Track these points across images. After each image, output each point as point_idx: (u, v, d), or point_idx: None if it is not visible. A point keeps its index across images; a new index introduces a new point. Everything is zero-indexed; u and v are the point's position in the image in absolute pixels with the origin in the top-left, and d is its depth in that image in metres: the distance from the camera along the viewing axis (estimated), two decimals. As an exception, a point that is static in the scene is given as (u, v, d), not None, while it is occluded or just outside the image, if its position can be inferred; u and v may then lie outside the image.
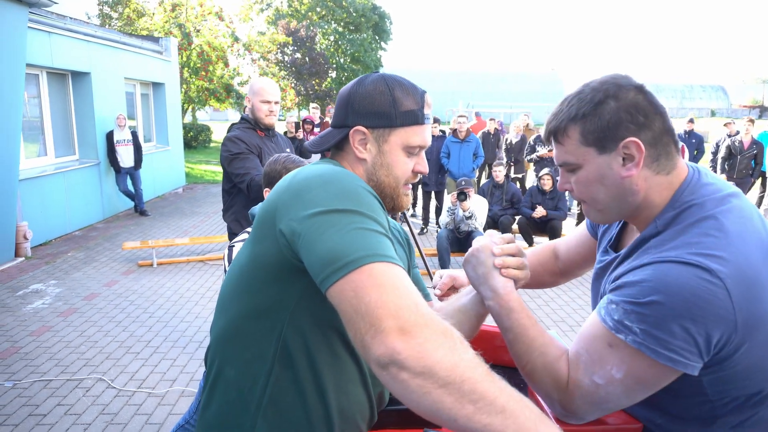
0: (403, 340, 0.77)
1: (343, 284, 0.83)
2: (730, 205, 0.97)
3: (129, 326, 4.41)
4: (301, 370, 1.01)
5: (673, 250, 0.94)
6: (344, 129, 1.10)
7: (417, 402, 0.77)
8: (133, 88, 10.40)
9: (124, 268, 6.03)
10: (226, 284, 1.09)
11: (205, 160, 16.62)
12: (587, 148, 1.02)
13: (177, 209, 9.57)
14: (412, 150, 1.10)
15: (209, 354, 1.10)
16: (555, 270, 1.52)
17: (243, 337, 1.02)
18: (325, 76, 24.24)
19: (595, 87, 1.02)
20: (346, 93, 1.11)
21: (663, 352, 0.90)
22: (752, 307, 0.88)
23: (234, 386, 1.03)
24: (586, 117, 1.01)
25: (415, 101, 1.09)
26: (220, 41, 17.61)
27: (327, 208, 0.89)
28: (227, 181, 3.09)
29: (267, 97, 2.98)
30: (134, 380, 3.54)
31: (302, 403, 1.02)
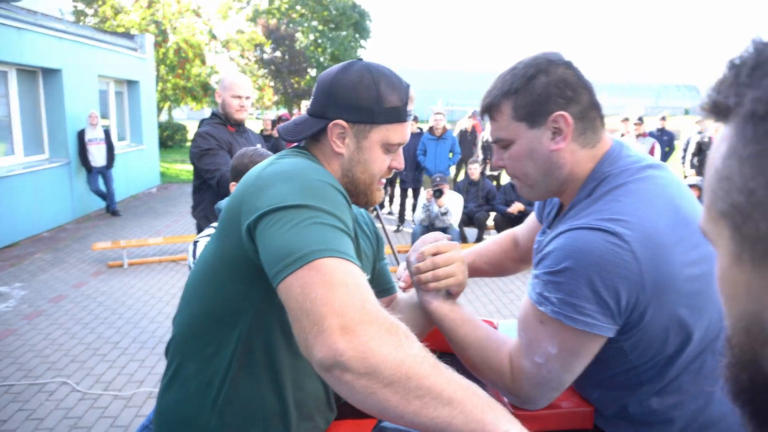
0: (346, 340, 0.75)
1: (291, 280, 0.81)
2: (644, 175, 1.01)
3: (96, 328, 4.32)
4: (259, 367, 1.00)
5: (584, 218, 0.97)
6: (322, 120, 1.05)
7: (362, 402, 0.77)
8: (106, 85, 10.21)
9: (93, 269, 5.91)
10: (191, 279, 1.07)
11: (181, 160, 16.39)
12: (519, 123, 1.04)
13: (150, 209, 9.42)
14: (391, 147, 1.07)
15: (170, 347, 1.09)
16: (516, 257, 1.55)
17: (204, 334, 1.01)
18: (305, 74, 24.11)
19: (528, 63, 1.04)
20: (328, 81, 1.05)
21: (579, 318, 0.93)
22: (659, 267, 0.91)
23: (193, 381, 1.02)
24: (518, 92, 1.03)
25: (400, 97, 1.05)
26: (198, 39, 17.39)
27: (287, 203, 0.87)
28: (197, 177, 3.05)
29: (238, 92, 2.94)
30: (100, 383, 3.46)
31: (259, 400, 1.01)
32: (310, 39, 25.54)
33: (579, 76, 1.03)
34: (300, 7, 25.15)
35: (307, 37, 25.43)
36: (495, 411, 0.76)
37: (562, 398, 1.17)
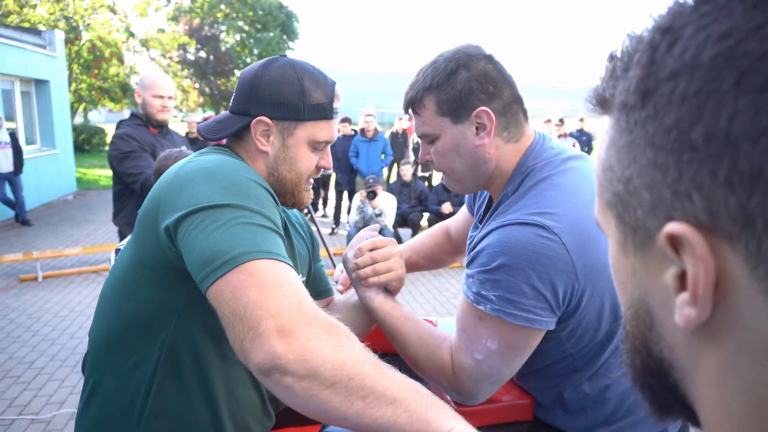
0: (284, 343, 0.72)
1: (221, 284, 0.77)
2: (567, 167, 1.04)
3: (7, 348, 3.97)
4: (187, 377, 0.95)
5: (513, 213, 0.99)
6: (245, 117, 1.00)
7: (303, 405, 0.74)
8: (11, 85, 9.44)
9: (1, 283, 5.44)
10: (106, 288, 1.00)
11: (100, 165, 15.46)
12: (442, 118, 1.04)
13: (66, 217, 8.81)
14: (317, 145, 1.04)
15: (87, 361, 1.01)
16: (450, 249, 1.57)
17: (124, 344, 0.94)
18: (231, 75, 23.46)
19: (448, 57, 1.04)
20: (250, 76, 1.01)
21: (519, 314, 0.94)
22: (588, 256, 0.94)
23: (114, 397, 0.95)
24: (440, 87, 1.03)
25: (325, 94, 1.02)
26: (114, 37, 16.48)
27: (210, 203, 0.82)
28: (117, 182, 2.87)
29: (159, 91, 2.79)
30: (14, 407, 3.19)
31: (189, 411, 0.96)
32: (236, 40, 24.90)
33: (500, 70, 1.04)
34: (224, 6, 24.45)
35: (232, 37, 24.76)
36: (439, 408, 0.76)
37: (503, 392, 1.20)
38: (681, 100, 0.30)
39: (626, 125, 0.35)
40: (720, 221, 0.29)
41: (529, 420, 1.17)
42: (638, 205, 0.34)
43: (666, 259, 0.33)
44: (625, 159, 0.35)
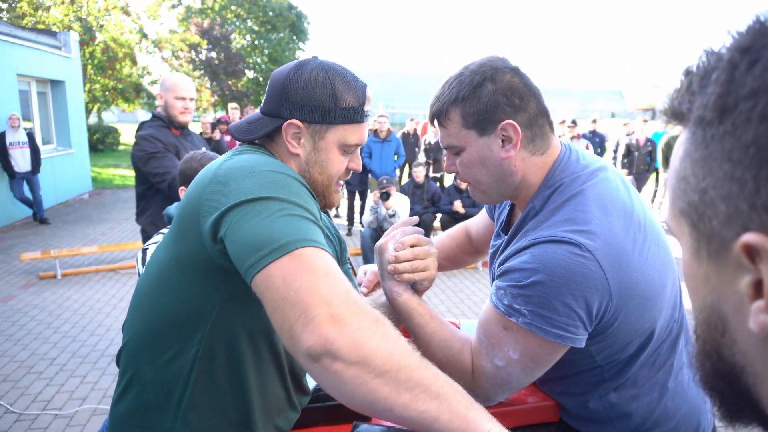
0: (336, 329, 0.72)
1: (270, 270, 0.78)
2: (596, 179, 1.04)
3: (29, 344, 4.05)
4: (222, 372, 0.97)
5: (547, 230, 0.98)
6: (277, 120, 1.01)
7: (351, 394, 0.73)
8: (27, 86, 9.56)
9: (22, 281, 5.53)
10: (143, 284, 1.02)
11: (114, 164, 15.61)
12: (468, 131, 1.04)
13: (83, 216, 8.91)
14: (348, 148, 1.05)
15: (123, 354, 1.03)
16: (470, 250, 1.58)
17: (162, 339, 0.96)
18: (242, 75, 23.56)
19: (474, 70, 1.04)
20: (282, 79, 1.01)
21: (551, 330, 0.94)
22: (621, 273, 0.94)
23: (150, 388, 0.97)
24: (465, 100, 1.03)
25: (356, 97, 1.02)
26: (127, 38, 16.62)
27: (254, 196, 0.84)
28: (141, 182, 2.91)
29: (181, 93, 2.84)
30: (37, 402, 3.25)
31: (222, 405, 0.98)
32: (247, 40, 25.00)
33: (526, 82, 1.03)
34: (235, 7, 24.56)
35: (243, 38, 24.87)
36: (477, 410, 0.76)
37: (528, 393, 1.20)
38: (760, 119, 0.32)
39: (702, 139, 0.36)
40: None
41: (555, 422, 1.17)
42: (714, 215, 0.36)
43: (741, 268, 0.34)
44: (701, 171, 0.37)
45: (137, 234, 7.58)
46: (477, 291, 5.40)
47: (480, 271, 6.06)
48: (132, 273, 5.79)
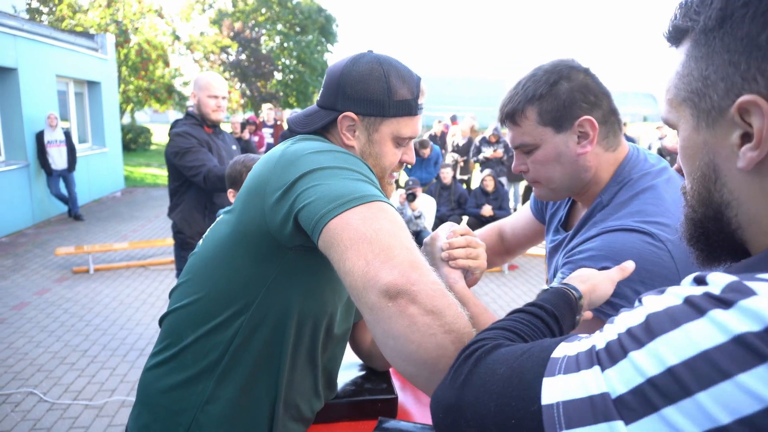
0: (417, 273, 0.71)
1: (348, 214, 0.78)
2: (666, 176, 1.06)
3: (63, 336, 4.17)
4: (260, 346, 0.99)
5: (617, 221, 1.00)
6: (332, 112, 1.03)
7: (419, 342, 0.69)
8: (65, 86, 9.87)
9: (57, 275, 5.70)
10: (199, 257, 1.05)
11: (146, 163, 15.98)
12: (544, 128, 1.06)
13: (115, 213, 9.15)
14: (401, 141, 1.06)
15: (168, 318, 1.07)
16: (501, 251, 1.58)
17: (210, 309, 0.99)
18: (271, 77, 23.86)
19: (548, 69, 1.06)
20: (338, 72, 1.03)
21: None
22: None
23: (190, 351, 1.00)
24: (542, 98, 1.05)
25: (410, 90, 1.04)
26: (160, 40, 17.01)
27: (325, 165, 0.87)
28: (174, 179, 2.98)
29: (214, 91, 2.89)
30: (69, 392, 3.34)
31: (254, 376, 1.01)
32: (276, 42, 25.32)
33: (597, 82, 1.07)
34: (265, 10, 24.91)
35: (272, 40, 25.20)
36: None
37: None
38: (751, 20, 0.47)
39: (705, 41, 0.51)
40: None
41: None
42: (714, 93, 0.50)
43: (733, 126, 0.49)
44: (704, 64, 0.51)
45: (167, 232, 7.74)
46: (503, 294, 5.34)
47: (506, 274, 5.99)
48: (161, 269, 5.91)
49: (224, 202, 2.92)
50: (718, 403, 0.37)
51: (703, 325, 0.39)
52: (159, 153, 19.05)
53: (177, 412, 0.99)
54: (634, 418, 0.41)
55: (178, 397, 1.00)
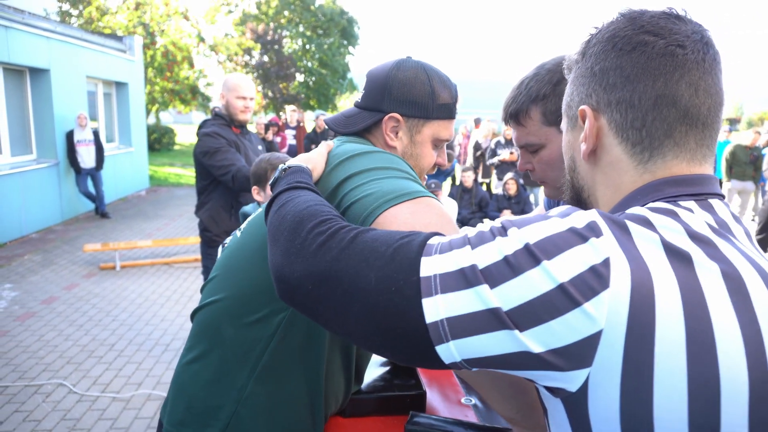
0: None
1: (398, 208, 0.82)
2: None
3: (91, 330, 4.27)
4: (301, 341, 0.99)
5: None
6: (377, 113, 1.06)
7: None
8: (95, 87, 10.11)
9: (84, 271, 5.84)
10: (238, 250, 1.06)
11: (169, 163, 16.26)
12: (549, 128, 1.06)
13: (140, 212, 9.33)
14: (439, 143, 1.10)
15: (203, 313, 1.06)
16: None
17: (252, 302, 0.99)
18: (293, 79, 24.08)
19: (551, 68, 1.06)
20: (383, 75, 1.06)
21: None
22: None
23: (229, 346, 1.00)
24: (546, 98, 1.04)
25: (451, 95, 1.08)
26: (186, 42, 17.30)
27: (371, 166, 0.90)
28: (203, 178, 3.04)
29: (243, 92, 2.95)
30: (97, 384, 3.43)
31: (296, 373, 1.00)
32: (298, 45, 25.53)
33: None
34: (288, 12, 25.15)
35: (295, 42, 25.42)
36: None
37: None
38: (591, 56, 0.67)
39: (575, 70, 0.71)
40: (600, 105, 0.66)
41: None
42: (573, 104, 0.71)
43: (580, 129, 0.69)
44: (572, 85, 0.71)
45: (190, 230, 7.87)
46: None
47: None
48: (185, 267, 6.02)
49: (250, 201, 2.98)
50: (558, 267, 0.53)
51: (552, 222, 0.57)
52: (182, 153, 19.36)
53: (215, 408, 0.99)
54: (497, 284, 0.54)
55: (217, 391, 1.00)
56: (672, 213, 0.58)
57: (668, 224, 0.56)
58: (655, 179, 0.63)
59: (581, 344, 0.51)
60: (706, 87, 0.61)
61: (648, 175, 0.63)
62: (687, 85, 0.61)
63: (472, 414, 1.24)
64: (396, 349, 0.61)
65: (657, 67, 0.61)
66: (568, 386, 0.54)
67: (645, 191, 0.63)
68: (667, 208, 0.59)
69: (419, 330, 0.57)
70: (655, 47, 0.61)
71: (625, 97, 0.63)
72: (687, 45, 0.61)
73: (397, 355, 0.62)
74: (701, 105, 0.61)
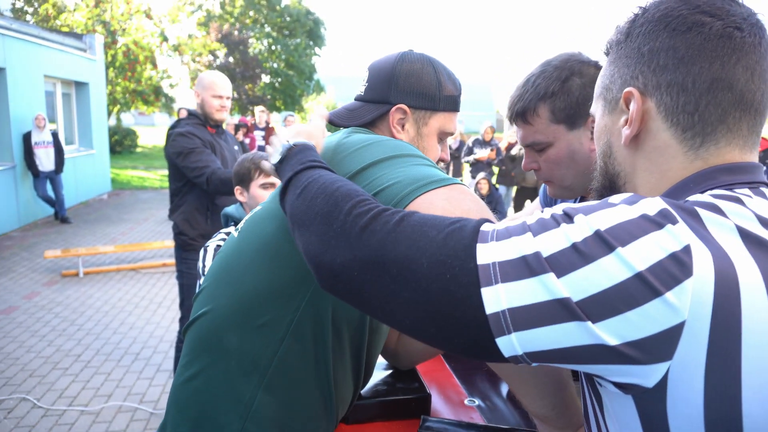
0: None
1: (432, 194, 0.79)
2: None
3: (54, 340, 4.07)
4: (311, 346, 0.93)
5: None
6: (384, 105, 1.03)
7: None
8: (53, 86, 9.72)
9: (45, 278, 5.58)
10: (234, 255, 0.99)
11: (132, 166, 15.79)
12: (557, 126, 1.04)
13: (103, 216, 9.00)
14: (444, 136, 1.07)
15: (198, 325, 0.98)
16: None
17: (257, 306, 0.93)
18: (258, 80, 23.75)
19: (558, 65, 1.04)
20: (389, 67, 1.03)
21: None
22: None
23: (235, 354, 0.93)
24: (555, 95, 1.03)
25: (456, 87, 1.06)
26: (148, 41, 16.85)
27: (391, 154, 0.86)
28: (176, 179, 2.92)
29: (219, 91, 2.85)
30: (63, 398, 3.26)
31: (307, 379, 0.94)
32: (264, 45, 25.22)
33: None
34: (253, 12, 24.82)
35: (260, 43, 25.10)
36: None
37: None
38: (639, 35, 0.64)
39: (615, 51, 0.68)
40: (648, 87, 0.63)
41: None
42: (614, 87, 0.67)
43: (622, 112, 0.66)
44: (613, 67, 0.68)
45: (157, 234, 7.64)
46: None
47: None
48: (153, 272, 5.82)
49: (226, 204, 2.88)
50: (635, 254, 0.50)
51: (621, 209, 0.53)
52: (145, 155, 18.85)
53: (223, 425, 0.92)
54: (564, 272, 0.51)
55: (224, 406, 0.93)
56: (738, 200, 0.55)
57: (739, 211, 0.54)
58: (707, 166, 0.60)
59: (661, 336, 0.48)
60: (761, 72, 0.59)
61: (700, 162, 0.61)
62: (743, 69, 0.58)
63: (477, 415, 1.21)
64: (451, 340, 0.57)
65: (714, 49, 0.58)
66: (643, 382, 0.50)
67: (698, 179, 0.60)
68: (731, 195, 0.56)
69: (478, 320, 0.53)
70: (713, 28, 0.59)
71: (677, 79, 0.60)
72: (744, 28, 0.59)
73: (452, 346, 0.58)
74: (756, 90, 0.59)
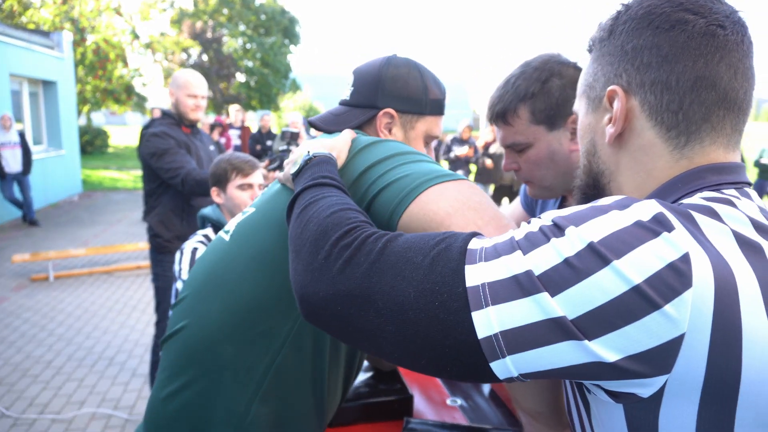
0: None
1: (442, 187, 0.78)
2: None
3: (24, 347, 3.95)
4: (309, 355, 0.91)
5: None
6: (371, 110, 1.02)
7: None
8: (19, 85, 9.43)
9: (13, 283, 5.41)
10: (228, 260, 0.95)
11: (104, 166, 15.43)
12: (537, 127, 1.05)
13: (73, 218, 8.78)
14: (429, 140, 1.07)
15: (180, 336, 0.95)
16: None
17: (253, 316, 0.89)
18: (233, 79, 23.46)
19: (538, 66, 1.05)
20: (375, 71, 1.03)
21: None
22: None
23: (229, 364, 0.89)
24: (535, 96, 1.04)
25: (441, 90, 1.06)
26: (119, 39, 16.48)
27: (393, 152, 0.85)
28: (150, 180, 2.85)
29: (194, 90, 2.79)
30: (34, 406, 3.17)
31: (304, 388, 0.93)
32: (239, 44, 24.91)
33: None
34: (227, 10, 24.48)
35: (235, 41, 24.79)
36: None
37: None
38: (622, 33, 0.64)
39: (599, 48, 0.67)
40: (631, 85, 0.63)
41: None
42: (598, 85, 0.67)
43: (606, 110, 0.66)
44: (596, 65, 0.67)
45: (130, 236, 7.48)
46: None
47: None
48: (127, 275, 5.70)
49: (202, 205, 2.83)
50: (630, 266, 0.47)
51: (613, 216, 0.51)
52: (117, 156, 18.45)
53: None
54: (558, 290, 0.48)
55: (217, 419, 0.89)
56: (730, 202, 0.55)
57: (734, 214, 0.53)
58: (693, 166, 0.60)
59: (660, 349, 0.47)
60: (744, 70, 0.59)
61: (685, 161, 0.61)
62: (726, 68, 0.58)
63: (460, 415, 1.21)
64: (444, 369, 0.55)
65: (697, 47, 0.58)
66: (640, 392, 0.49)
67: (686, 179, 0.60)
68: (722, 197, 0.56)
69: (470, 346, 0.52)
70: (696, 26, 0.59)
71: (661, 77, 0.60)
72: (727, 26, 0.59)
73: (445, 374, 0.56)
74: (739, 89, 0.59)
